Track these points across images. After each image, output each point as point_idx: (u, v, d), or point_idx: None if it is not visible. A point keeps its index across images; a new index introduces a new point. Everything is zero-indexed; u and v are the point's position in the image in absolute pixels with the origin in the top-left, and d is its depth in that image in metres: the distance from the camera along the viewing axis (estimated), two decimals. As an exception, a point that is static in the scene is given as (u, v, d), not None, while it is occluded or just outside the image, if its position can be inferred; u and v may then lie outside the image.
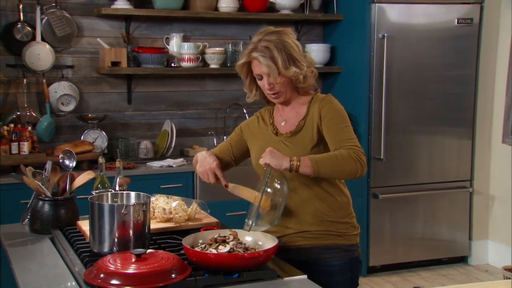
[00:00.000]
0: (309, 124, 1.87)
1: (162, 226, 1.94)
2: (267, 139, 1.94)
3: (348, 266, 1.89)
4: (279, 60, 1.79)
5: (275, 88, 1.85)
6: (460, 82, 4.04)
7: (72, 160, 2.15)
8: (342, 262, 1.87)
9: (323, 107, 1.85)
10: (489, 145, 4.16)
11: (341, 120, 1.84)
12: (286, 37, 1.83)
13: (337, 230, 1.87)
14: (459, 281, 3.87)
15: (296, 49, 1.83)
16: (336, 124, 1.83)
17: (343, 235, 1.88)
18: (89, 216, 1.76)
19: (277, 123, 1.96)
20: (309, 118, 1.87)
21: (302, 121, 1.89)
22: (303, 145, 1.86)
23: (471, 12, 3.99)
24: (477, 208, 4.19)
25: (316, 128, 1.85)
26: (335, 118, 1.83)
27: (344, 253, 1.88)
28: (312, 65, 1.89)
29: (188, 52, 3.74)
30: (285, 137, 1.91)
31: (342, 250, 1.88)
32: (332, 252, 1.87)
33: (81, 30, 3.69)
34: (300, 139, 1.87)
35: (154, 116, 3.93)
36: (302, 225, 1.87)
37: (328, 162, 1.74)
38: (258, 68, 1.84)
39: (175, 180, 3.47)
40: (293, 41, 1.84)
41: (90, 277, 1.52)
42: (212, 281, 1.54)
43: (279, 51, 1.80)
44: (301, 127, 1.88)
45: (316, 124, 1.85)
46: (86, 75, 3.74)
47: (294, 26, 4.18)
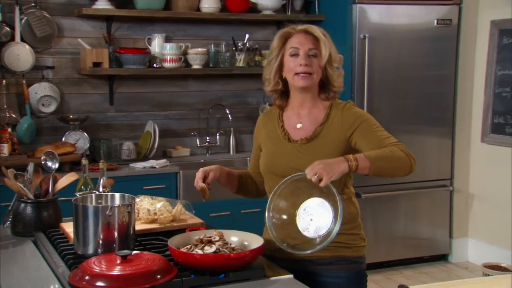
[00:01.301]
0: (329, 131, 1.78)
1: (147, 227, 1.92)
2: (279, 144, 1.84)
3: (356, 278, 1.81)
4: (331, 42, 1.80)
5: (312, 67, 1.77)
6: (440, 82, 4.10)
7: (55, 162, 2.13)
8: (350, 274, 1.80)
9: (347, 116, 1.78)
10: (469, 144, 4.23)
11: (371, 123, 1.78)
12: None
13: (346, 241, 1.79)
14: (440, 278, 3.92)
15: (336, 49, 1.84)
16: (367, 127, 1.76)
17: (351, 246, 1.81)
18: (73, 218, 1.74)
19: (288, 127, 1.85)
20: (328, 126, 1.79)
21: (319, 127, 1.80)
22: (321, 153, 1.74)
23: (450, 13, 4.05)
24: (457, 207, 4.26)
25: (341, 138, 1.76)
26: (365, 122, 1.77)
27: (352, 265, 1.81)
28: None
29: (170, 52, 3.72)
30: (299, 144, 1.80)
31: (350, 262, 1.80)
32: (340, 264, 1.79)
33: (61, 31, 3.66)
34: (317, 147, 1.77)
35: (137, 117, 3.91)
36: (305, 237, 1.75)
37: (384, 158, 1.65)
38: (302, 39, 1.78)
39: (158, 181, 3.46)
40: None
41: (75, 279, 1.50)
42: (198, 282, 1.53)
43: (330, 39, 1.81)
44: (317, 133, 1.79)
45: (341, 134, 1.76)
46: (67, 76, 3.70)
47: (276, 27, 4.20)
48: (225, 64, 3.92)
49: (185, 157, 3.93)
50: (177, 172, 3.55)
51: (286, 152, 1.81)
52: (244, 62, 3.95)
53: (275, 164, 1.84)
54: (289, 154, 1.80)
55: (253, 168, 2.00)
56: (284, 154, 1.82)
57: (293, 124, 1.85)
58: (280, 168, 1.81)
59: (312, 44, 1.79)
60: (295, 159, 1.78)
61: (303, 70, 1.77)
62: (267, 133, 1.90)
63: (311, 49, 1.78)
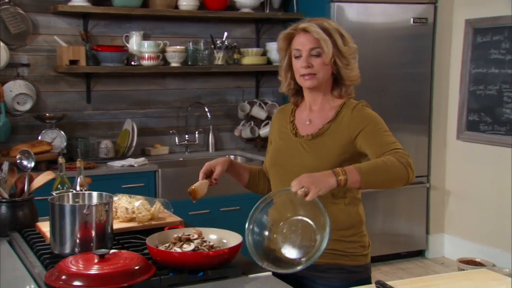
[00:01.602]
0: (336, 130, 1.73)
1: (125, 226, 1.91)
2: (286, 139, 1.81)
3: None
4: (336, 35, 1.71)
5: (314, 68, 1.71)
6: (416, 80, 4.16)
7: (30, 161, 2.10)
8: (343, 284, 1.69)
9: (356, 117, 1.72)
10: (445, 142, 4.30)
11: (378, 126, 1.70)
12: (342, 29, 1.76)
13: (343, 249, 1.71)
14: (417, 274, 3.98)
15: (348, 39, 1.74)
16: (373, 130, 1.69)
17: (349, 255, 1.72)
18: (50, 217, 1.72)
19: (298, 122, 1.82)
20: (336, 124, 1.74)
21: (327, 124, 1.75)
22: (325, 151, 1.71)
23: (425, 12, 4.11)
24: (433, 203, 4.32)
25: (347, 138, 1.70)
26: (372, 125, 1.70)
27: (347, 275, 1.72)
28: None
29: (148, 50, 3.70)
30: (305, 139, 1.76)
31: (345, 271, 1.72)
32: (334, 272, 1.71)
33: (36, 28, 3.60)
34: (322, 145, 1.72)
35: (115, 115, 3.87)
36: None
37: (376, 170, 1.56)
38: (302, 39, 1.72)
39: (136, 179, 3.44)
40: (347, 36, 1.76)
41: (51, 279, 1.49)
42: (177, 280, 1.53)
43: (335, 31, 1.72)
44: (324, 130, 1.74)
45: (347, 134, 1.70)
46: (43, 73, 3.65)
47: (254, 25, 4.21)
48: (204, 62, 3.91)
49: (164, 155, 3.92)
50: (155, 171, 3.53)
51: (291, 147, 1.78)
52: (223, 60, 3.94)
53: (279, 158, 1.81)
54: (294, 149, 1.77)
55: (266, 164, 1.93)
56: (289, 148, 1.79)
57: (303, 120, 1.81)
58: (283, 162, 1.79)
59: (313, 43, 1.71)
60: (298, 155, 1.75)
61: (306, 72, 1.72)
62: (279, 128, 1.87)
63: (312, 48, 1.71)
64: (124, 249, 1.72)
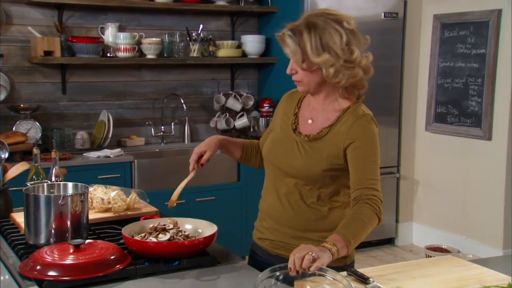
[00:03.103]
0: (333, 136, 1.65)
1: (100, 216, 1.94)
2: (285, 131, 1.74)
3: None
4: (307, 44, 1.58)
5: (298, 75, 1.64)
6: (387, 73, 4.26)
7: (4, 151, 2.09)
8: None
9: (355, 128, 1.63)
10: (414, 133, 4.41)
11: (371, 152, 1.62)
12: (333, 24, 1.59)
13: None
14: (387, 261, 4.09)
15: (336, 40, 1.58)
16: (364, 154, 1.62)
17: None
18: (25, 207, 1.73)
19: (301, 117, 1.74)
20: (335, 130, 1.65)
21: (326, 129, 1.67)
22: (316, 157, 1.65)
23: (396, 6, 4.20)
24: (403, 193, 4.44)
25: (340, 146, 1.64)
26: (365, 147, 1.62)
27: None
28: (358, 62, 1.63)
29: (124, 42, 3.71)
30: (302, 139, 1.69)
31: None
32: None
33: (10, 18, 3.58)
34: (316, 150, 1.66)
35: (90, 106, 3.88)
36: (284, 235, 1.73)
37: (361, 235, 1.56)
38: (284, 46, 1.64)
39: (112, 170, 3.46)
40: (339, 30, 1.59)
41: (25, 269, 1.49)
42: (152, 269, 1.55)
43: (311, 35, 1.58)
44: (322, 135, 1.66)
45: (341, 142, 1.63)
46: (17, 64, 3.63)
47: (229, 17, 4.24)
48: (179, 54, 3.93)
49: (140, 146, 3.94)
50: (131, 161, 3.56)
51: (287, 142, 1.71)
52: (198, 52, 3.97)
53: (272, 152, 1.75)
54: (288, 146, 1.70)
55: (263, 139, 1.88)
56: (285, 143, 1.72)
57: (306, 117, 1.73)
58: (275, 158, 1.74)
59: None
60: (291, 154, 1.69)
61: (292, 78, 1.68)
62: (282, 114, 1.79)
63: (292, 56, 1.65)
64: (100, 239, 1.73)
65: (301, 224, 1.70)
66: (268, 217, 1.77)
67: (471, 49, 3.91)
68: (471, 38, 3.91)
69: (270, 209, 1.76)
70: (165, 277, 1.55)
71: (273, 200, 1.75)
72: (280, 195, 1.73)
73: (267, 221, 1.78)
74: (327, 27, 1.59)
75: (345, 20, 1.62)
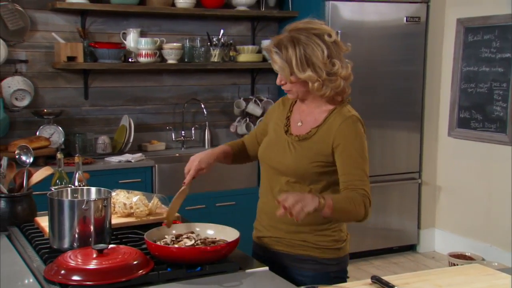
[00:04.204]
0: (322, 136, 1.75)
1: (123, 221, 1.94)
2: (278, 134, 1.85)
3: (323, 280, 1.76)
4: (293, 60, 1.68)
5: (287, 85, 1.76)
6: (409, 77, 4.22)
7: (29, 156, 2.12)
8: (316, 274, 1.78)
9: (344, 129, 1.72)
10: (436, 138, 4.36)
11: (358, 151, 1.71)
12: (315, 39, 1.68)
13: (314, 242, 1.78)
14: (409, 268, 4.04)
15: (318, 54, 1.68)
16: (351, 154, 1.71)
17: (319, 247, 1.79)
18: (49, 212, 1.73)
19: (292, 120, 1.85)
20: (323, 130, 1.75)
21: (315, 129, 1.77)
22: (306, 155, 1.75)
23: (418, 10, 4.17)
24: (425, 199, 4.39)
25: (329, 144, 1.73)
26: (352, 149, 1.71)
27: (319, 266, 1.79)
28: (340, 74, 1.71)
29: (145, 47, 3.74)
30: (293, 139, 1.79)
31: (316, 262, 1.79)
32: (305, 263, 1.79)
33: (35, 24, 3.63)
34: (305, 148, 1.76)
35: (112, 111, 3.91)
36: (279, 231, 1.82)
37: (345, 210, 1.64)
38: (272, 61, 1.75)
39: (133, 175, 3.48)
40: (320, 45, 1.68)
41: (50, 273, 1.50)
42: (174, 275, 1.55)
43: (296, 51, 1.68)
44: (311, 135, 1.76)
45: (330, 141, 1.72)
46: (41, 70, 3.68)
47: (250, 23, 4.25)
48: (200, 59, 3.95)
49: (161, 151, 3.96)
50: (152, 166, 3.58)
51: (279, 143, 1.82)
52: (219, 57, 3.98)
53: (266, 153, 1.86)
54: (280, 146, 1.81)
55: (250, 138, 2.01)
56: (277, 144, 1.83)
57: (296, 119, 1.84)
58: (268, 158, 1.85)
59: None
60: (282, 153, 1.79)
61: (282, 87, 1.79)
62: (276, 119, 1.90)
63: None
64: (122, 244, 1.73)
65: (293, 219, 1.69)
66: (264, 215, 1.87)
67: (495, 53, 3.85)
68: (495, 42, 3.85)
69: (266, 207, 1.86)
70: (187, 282, 1.54)
71: (268, 198, 1.84)
72: (274, 193, 1.81)
73: (264, 219, 1.87)
74: (310, 42, 1.68)
75: (326, 33, 1.70)
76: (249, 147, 2.01)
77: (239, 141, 2.04)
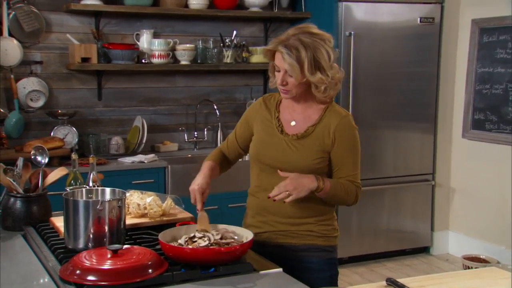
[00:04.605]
0: (320, 133, 1.85)
1: (137, 221, 1.95)
2: (270, 134, 1.90)
3: (327, 265, 1.91)
4: (305, 62, 1.76)
5: (288, 85, 1.82)
6: (423, 78, 4.19)
7: (44, 156, 2.14)
8: (321, 261, 1.90)
9: (343, 127, 1.84)
10: (450, 140, 4.32)
11: (353, 149, 1.85)
12: (321, 43, 1.78)
13: (319, 231, 1.89)
14: (422, 270, 4.02)
15: (325, 58, 1.78)
16: (348, 151, 1.85)
17: (324, 236, 1.90)
18: (64, 212, 1.75)
19: (283, 120, 1.91)
20: (321, 127, 1.85)
21: (312, 127, 1.86)
22: (307, 152, 1.84)
23: (432, 11, 4.13)
24: (438, 201, 4.35)
25: (327, 141, 1.84)
26: (349, 145, 1.84)
27: (324, 253, 1.91)
28: (338, 78, 1.83)
29: (158, 48, 3.75)
30: (290, 138, 1.87)
31: (321, 250, 1.90)
32: (312, 251, 1.89)
33: (49, 26, 3.66)
34: (306, 145, 1.85)
35: (125, 112, 3.94)
36: (284, 224, 1.89)
37: (339, 194, 1.82)
38: (279, 61, 1.80)
39: (146, 175, 3.50)
40: (326, 49, 1.78)
41: (66, 273, 1.51)
42: (189, 276, 1.56)
43: (307, 54, 1.76)
44: (309, 133, 1.85)
45: (329, 138, 1.83)
46: (55, 71, 3.71)
47: (263, 24, 4.25)
48: (213, 60, 3.96)
49: (173, 152, 3.98)
50: (165, 167, 3.59)
51: (276, 143, 1.87)
52: (232, 58, 3.99)
53: (263, 152, 1.91)
54: (279, 146, 1.87)
55: (230, 143, 2.06)
56: (274, 145, 1.88)
57: (287, 119, 1.91)
58: (267, 157, 1.89)
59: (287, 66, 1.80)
60: (283, 152, 1.85)
61: (281, 88, 1.85)
62: (262, 120, 1.95)
63: (286, 71, 1.80)
64: (136, 244, 1.74)
65: (299, 212, 1.87)
66: (266, 212, 1.92)
67: (511, 54, 3.80)
68: (511, 42, 3.81)
69: (267, 204, 1.89)
70: (201, 283, 1.55)
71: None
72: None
73: (264, 215, 1.92)
74: (318, 46, 1.78)
75: (327, 39, 1.81)
76: (229, 152, 2.06)
77: (216, 152, 2.09)
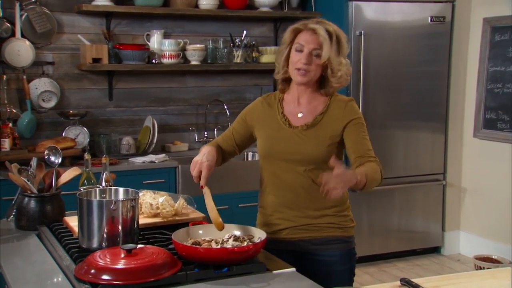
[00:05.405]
0: (329, 121, 1.89)
1: (149, 221, 1.96)
2: (278, 129, 1.93)
3: (348, 256, 1.95)
4: (333, 41, 1.84)
5: (311, 65, 1.85)
6: (433, 78, 4.17)
7: (58, 156, 2.15)
8: (342, 252, 1.93)
9: (349, 110, 1.89)
10: (461, 139, 4.30)
11: (363, 128, 1.90)
12: (340, 33, 1.88)
13: (338, 222, 1.92)
14: (433, 270, 4.00)
15: (345, 46, 1.88)
16: (359, 128, 1.89)
17: (343, 227, 1.93)
18: (78, 212, 1.76)
19: (288, 114, 1.94)
20: (329, 115, 1.89)
21: (320, 116, 1.90)
22: (320, 140, 1.87)
23: (443, 10, 4.11)
24: (449, 200, 4.33)
25: (339, 127, 1.88)
26: (359, 125, 1.89)
27: (344, 244, 1.94)
28: (350, 71, 1.92)
29: (169, 48, 3.77)
30: (300, 129, 1.90)
31: (341, 241, 1.93)
32: (333, 243, 1.92)
33: (61, 27, 3.69)
34: (317, 134, 1.88)
35: (136, 112, 3.95)
36: (306, 218, 1.91)
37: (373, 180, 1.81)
38: (307, 38, 1.84)
39: (157, 175, 3.51)
40: (345, 42, 1.89)
41: (80, 272, 1.53)
42: (202, 275, 1.56)
43: (334, 35, 1.85)
44: (318, 121, 1.89)
45: (339, 124, 1.88)
46: (67, 71, 3.74)
47: (273, 24, 4.25)
48: (223, 60, 3.96)
49: (184, 151, 3.99)
50: (176, 167, 3.60)
51: (286, 137, 1.89)
52: (242, 58, 3.99)
53: (275, 148, 1.92)
54: (290, 139, 1.88)
55: (226, 138, 2.06)
56: (284, 139, 1.90)
57: (293, 112, 1.93)
58: (280, 152, 1.90)
59: (317, 44, 1.84)
60: (295, 144, 1.87)
61: (302, 67, 1.85)
62: (265, 117, 1.96)
63: (314, 49, 1.85)
64: (150, 244, 1.75)
65: (318, 204, 1.89)
66: (285, 208, 1.92)
67: (523, 53, 3.78)
68: (523, 41, 3.79)
69: (285, 201, 1.91)
70: (214, 283, 1.55)
71: (285, 192, 1.91)
72: (291, 185, 1.89)
73: (284, 211, 1.92)
74: (339, 33, 1.88)
75: (342, 34, 1.89)
76: (225, 146, 2.04)
77: (214, 143, 2.07)
